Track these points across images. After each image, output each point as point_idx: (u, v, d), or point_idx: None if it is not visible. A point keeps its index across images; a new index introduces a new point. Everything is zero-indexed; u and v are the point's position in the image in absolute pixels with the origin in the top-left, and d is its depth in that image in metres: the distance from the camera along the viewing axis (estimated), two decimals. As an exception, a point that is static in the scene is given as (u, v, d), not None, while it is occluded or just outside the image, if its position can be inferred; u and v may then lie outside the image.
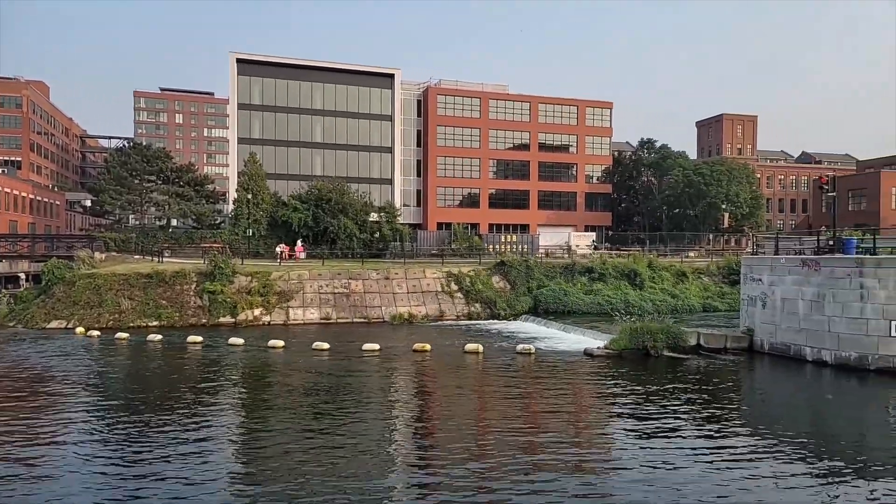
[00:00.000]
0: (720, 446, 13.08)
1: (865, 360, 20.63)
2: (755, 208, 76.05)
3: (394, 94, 68.36)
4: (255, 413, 15.76)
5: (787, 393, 19.64)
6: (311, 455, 12.27)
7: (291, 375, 20.37)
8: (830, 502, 10.27)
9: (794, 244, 29.84)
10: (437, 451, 12.93)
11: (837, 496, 10.50)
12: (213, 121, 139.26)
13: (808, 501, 10.30)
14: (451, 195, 71.40)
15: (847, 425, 15.54)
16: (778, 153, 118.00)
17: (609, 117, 77.14)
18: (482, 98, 72.17)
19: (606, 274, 38.20)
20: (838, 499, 10.40)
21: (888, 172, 76.48)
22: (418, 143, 71.04)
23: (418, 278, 36.92)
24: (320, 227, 50.56)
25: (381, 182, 67.86)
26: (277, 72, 64.48)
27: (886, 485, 10.99)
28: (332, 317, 33.50)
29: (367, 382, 19.67)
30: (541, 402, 17.34)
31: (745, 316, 26.17)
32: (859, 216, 67.79)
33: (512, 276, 38.03)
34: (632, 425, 14.71)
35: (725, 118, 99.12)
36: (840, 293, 21.45)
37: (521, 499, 10.23)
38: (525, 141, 73.93)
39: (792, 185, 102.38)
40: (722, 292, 38.16)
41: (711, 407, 16.45)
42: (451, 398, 17.90)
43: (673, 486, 10.79)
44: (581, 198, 75.83)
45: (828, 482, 11.12)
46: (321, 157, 65.91)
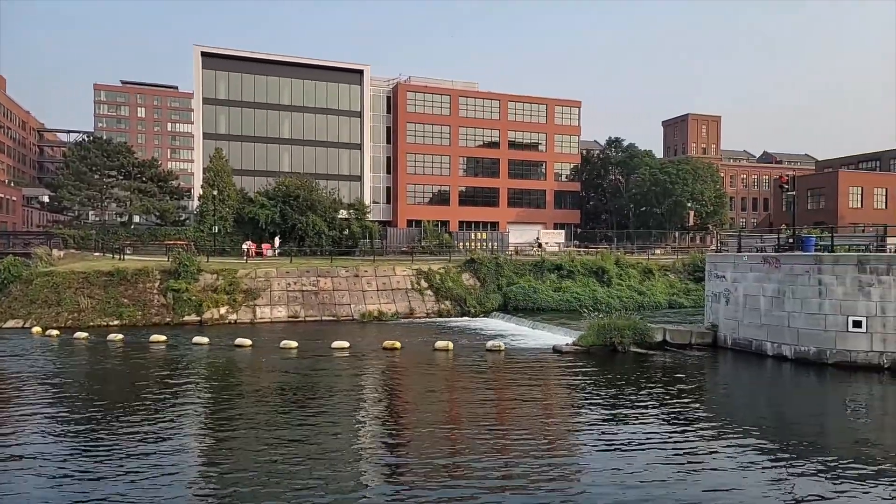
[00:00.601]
0: (685, 439, 13.29)
1: (824, 355, 21.23)
2: (719, 206, 77.77)
3: (363, 90, 67.88)
4: (220, 414, 15.43)
5: (748, 387, 20.10)
6: (278, 456, 12.06)
7: (259, 374, 20.03)
8: (790, 491, 10.51)
9: (756, 242, 30.52)
10: (407, 449, 12.85)
11: (797, 485, 10.75)
12: (178, 115, 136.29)
13: (769, 490, 10.52)
14: (422, 192, 71.26)
15: (806, 418, 15.95)
16: (741, 153, 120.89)
17: (577, 116, 77.93)
18: (452, 95, 72.16)
19: (575, 271, 38.57)
20: (798, 488, 10.64)
21: (845, 172, 78.97)
22: (388, 140, 70.69)
23: (388, 276, 36.73)
24: (288, 225, 49.92)
25: (351, 179, 67.36)
26: (244, 66, 63.39)
27: (843, 473, 11.29)
28: (301, 315, 33.10)
29: (337, 381, 19.46)
30: (510, 399, 17.39)
31: (709, 312, 26.69)
32: (818, 215, 69.84)
33: (482, 274, 38.12)
34: (600, 420, 14.85)
35: (691, 118, 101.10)
36: (799, 289, 22.03)
37: (490, 496, 10.21)
38: (495, 139, 74.20)
39: (754, 184, 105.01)
40: (687, 289, 38.87)
41: (677, 401, 16.72)
42: (421, 396, 17.82)
43: (640, 479, 10.91)
44: (550, 196, 76.46)
45: (788, 473, 11.38)
46: (289, 153, 65.06)
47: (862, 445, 13.24)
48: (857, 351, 20.71)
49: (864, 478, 11.18)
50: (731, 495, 10.37)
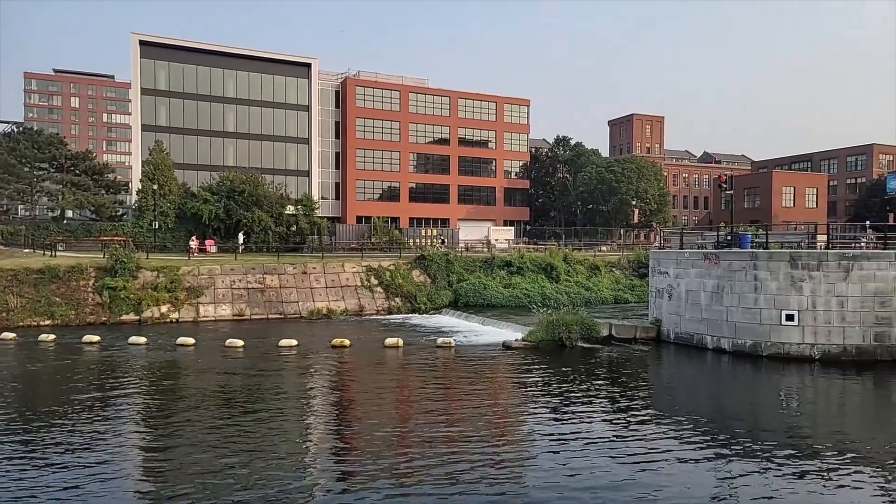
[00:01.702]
0: (630, 432, 13.58)
1: (759, 347, 22.13)
2: (662, 205, 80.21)
3: (311, 84, 66.67)
4: (159, 417, 14.81)
5: (689, 379, 20.76)
6: (221, 460, 11.66)
7: (202, 375, 19.37)
8: (728, 479, 10.87)
9: (697, 239, 31.58)
10: (355, 449, 12.65)
11: (733, 472, 11.12)
12: (114, 106, 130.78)
13: (709, 478, 10.85)
14: (371, 188, 70.66)
15: (743, 408, 16.58)
16: (683, 153, 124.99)
17: (527, 114, 78.83)
18: (402, 91, 71.77)
19: (524, 268, 38.99)
20: (735, 475, 11.02)
21: (779, 172, 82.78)
22: (337, 135, 69.75)
23: (337, 273, 36.22)
24: (233, 220, 48.59)
25: (298, 174, 66.09)
26: (186, 56, 61.22)
27: (778, 461, 11.76)
28: (246, 313, 32.26)
29: (284, 380, 19.03)
30: (460, 396, 17.39)
31: (653, 307, 27.43)
32: (754, 213, 72.94)
33: (432, 271, 38.06)
34: (548, 415, 15.03)
35: (636, 118, 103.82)
36: (737, 285, 22.88)
37: (440, 494, 10.14)
38: (445, 135, 74.26)
39: (695, 184, 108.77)
40: (632, 285, 39.87)
41: (622, 394, 17.10)
42: (370, 393, 17.61)
43: (586, 472, 11.07)
44: (500, 193, 77.13)
45: (727, 461, 11.78)
46: (234, 146, 63.28)
47: (794, 433, 13.83)
48: (790, 343, 21.68)
49: (797, 464, 11.67)
50: (672, 483, 10.64)
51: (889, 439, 13.60)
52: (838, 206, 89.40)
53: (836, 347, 21.27)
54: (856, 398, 17.82)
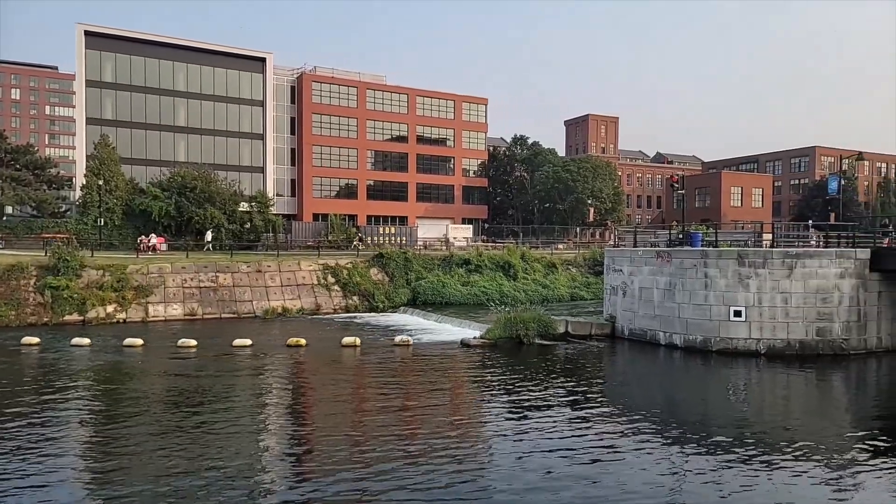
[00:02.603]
0: (586, 427, 13.74)
1: (709, 343, 22.76)
2: (617, 204, 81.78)
3: (265, 79, 65.35)
4: (101, 424, 14.19)
5: (642, 375, 21.20)
6: (170, 469, 11.24)
7: (151, 377, 18.71)
8: (681, 471, 11.10)
9: (650, 237, 32.32)
10: (310, 450, 12.41)
11: (686, 465, 11.38)
12: (57, 98, 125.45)
13: (662, 472, 11.06)
14: (328, 186, 69.78)
15: (694, 402, 17.04)
16: (636, 153, 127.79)
17: (485, 113, 79.19)
18: (359, 88, 71.11)
19: (482, 266, 39.14)
20: (687, 468, 11.27)
21: (728, 173, 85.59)
22: (292, 131, 68.61)
23: (293, 271, 35.59)
24: (184, 217, 47.21)
25: (253, 170, 64.71)
26: (134, 48, 59.13)
27: (726, 452, 12.09)
28: (198, 312, 31.38)
29: (238, 381, 18.55)
30: (418, 394, 17.30)
31: (608, 304, 27.90)
32: (705, 212, 75.19)
33: (390, 269, 37.83)
34: (506, 413, 15.09)
35: (591, 118, 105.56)
36: (688, 282, 23.48)
37: (398, 494, 10.03)
38: (403, 133, 73.94)
39: (648, 183, 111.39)
40: (588, 282, 40.50)
41: (578, 391, 17.32)
42: (326, 393, 17.34)
43: (544, 469, 11.13)
44: (458, 191, 77.27)
45: (677, 453, 12.04)
46: (185, 141, 61.46)
47: (742, 426, 14.26)
48: (738, 338, 22.37)
49: (745, 455, 12.01)
50: (627, 477, 10.80)
51: (830, 430, 14.16)
52: (783, 206, 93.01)
53: (781, 342, 22.05)
54: (799, 391, 18.51)
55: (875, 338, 22.61)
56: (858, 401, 17.66)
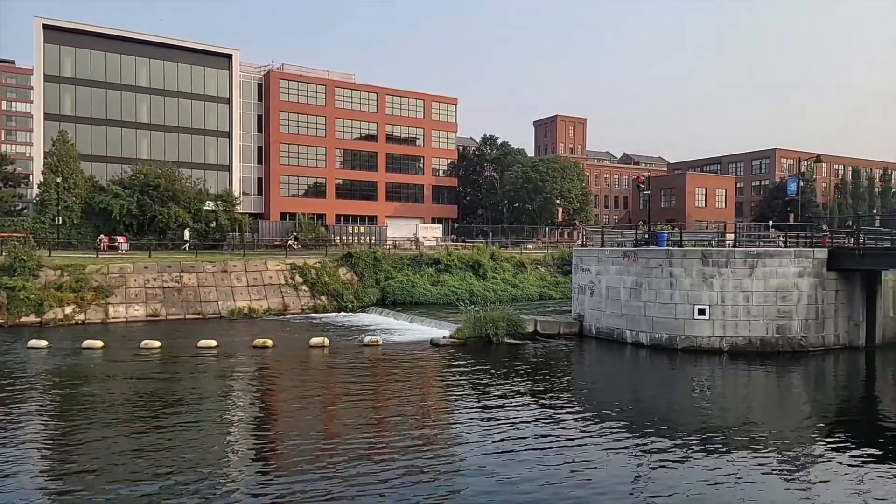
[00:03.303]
0: (554, 426, 13.83)
1: (674, 341, 23.16)
2: (585, 204, 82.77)
3: (232, 76, 64.29)
4: (57, 430, 13.71)
5: (610, 373, 21.48)
6: (130, 477, 10.92)
7: (112, 379, 18.18)
8: (647, 468, 11.25)
9: (617, 237, 32.76)
10: (278, 454, 12.20)
11: (652, 462, 11.54)
12: (14, 93, 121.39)
13: (629, 469, 11.19)
14: (296, 184, 69.01)
15: (659, 399, 17.30)
16: (604, 154, 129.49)
17: (454, 112, 79.30)
18: (328, 86, 70.49)
19: (452, 265, 39.15)
20: (653, 464, 11.43)
21: (692, 174, 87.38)
22: (259, 129, 67.64)
23: (260, 271, 35.05)
24: (147, 216, 46.12)
25: (219, 168, 63.59)
26: (95, 42, 57.55)
27: (691, 448, 12.31)
28: (161, 313, 30.66)
29: (202, 383, 18.15)
30: (387, 395, 17.19)
31: (576, 303, 28.17)
32: (670, 212, 76.64)
33: (360, 268, 37.56)
34: (474, 412, 15.08)
35: (559, 119, 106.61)
36: (654, 281, 23.85)
37: (366, 496, 9.93)
38: (373, 132, 73.55)
39: (616, 184, 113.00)
40: (556, 281, 40.86)
41: (546, 390, 17.43)
42: (293, 396, 17.10)
43: (513, 469, 11.15)
44: (428, 190, 77.21)
45: (644, 450, 12.20)
46: (147, 138, 60.05)
47: (706, 421, 14.55)
48: (702, 336, 22.82)
49: (709, 451, 12.24)
50: (595, 476, 10.89)
51: (790, 425, 14.54)
52: (745, 207, 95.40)
53: (743, 340, 22.57)
54: (760, 387, 18.97)
55: (832, 335, 23.31)
56: (816, 396, 18.17)
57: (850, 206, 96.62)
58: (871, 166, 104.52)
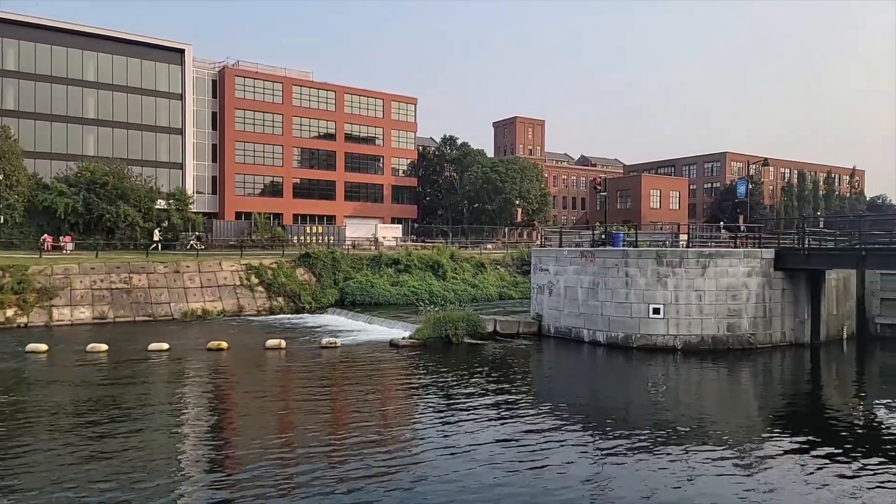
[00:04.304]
0: (513, 426, 13.87)
1: (630, 339, 23.59)
2: (544, 204, 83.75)
3: (184, 72, 62.59)
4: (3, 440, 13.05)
5: (567, 371, 21.74)
6: (77, 484, 10.44)
7: (57, 384, 17.39)
8: (604, 466, 11.38)
9: (575, 238, 33.23)
10: (232, 460, 11.86)
11: (609, 459, 11.68)
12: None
13: (585, 467, 11.29)
14: (252, 183, 67.68)
15: (615, 396, 17.59)
16: (562, 155, 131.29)
17: (414, 112, 79.13)
18: (285, 83, 69.40)
19: (412, 266, 39.02)
20: (610, 462, 11.57)
21: (647, 176, 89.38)
22: (214, 126, 66.05)
23: (214, 271, 34.19)
24: (94, 215, 44.42)
25: (171, 166, 61.82)
26: (39, 35, 55.22)
27: (646, 443, 12.52)
28: (109, 315, 29.58)
29: (153, 388, 17.55)
30: (346, 397, 16.97)
31: (534, 303, 28.42)
32: (626, 213, 78.22)
33: (318, 269, 37.05)
34: (434, 413, 15.01)
35: (518, 120, 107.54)
36: (610, 281, 24.25)
37: (323, 501, 9.74)
38: (331, 130, 72.76)
39: (573, 185, 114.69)
40: (516, 281, 41.17)
41: (505, 389, 17.49)
42: (249, 399, 16.69)
43: (472, 470, 11.12)
44: (388, 190, 76.82)
45: (602, 449, 12.34)
46: (94, 135, 57.93)
47: (660, 417, 14.84)
48: (657, 335, 23.31)
49: (662, 445, 12.48)
50: (551, 471, 10.96)
51: (741, 421, 14.98)
52: (697, 208, 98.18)
53: (696, 338, 23.16)
54: (712, 384, 19.49)
55: (779, 332, 24.13)
56: (765, 392, 18.79)
57: (796, 208, 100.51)
58: (816, 170, 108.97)
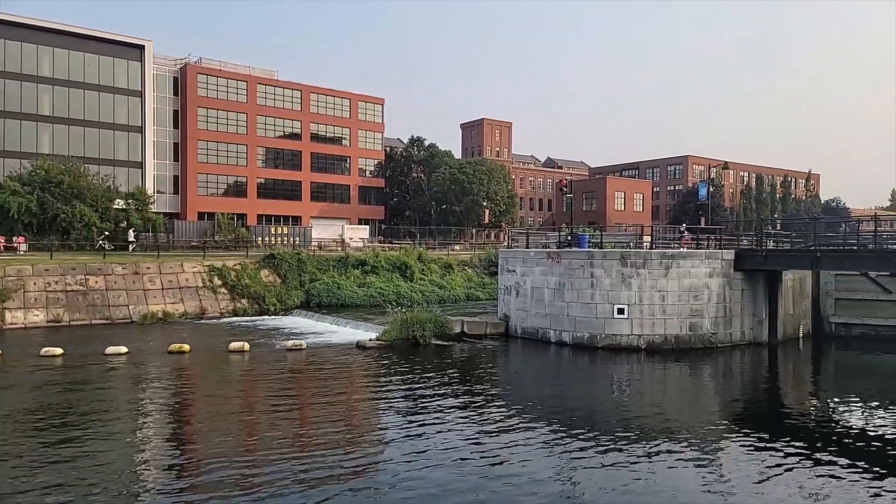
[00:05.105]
0: (480, 427, 13.87)
1: (595, 339, 23.87)
2: (511, 206, 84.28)
3: (144, 68, 61.05)
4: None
5: (534, 372, 21.84)
6: (27, 492, 10.02)
7: (8, 389, 16.70)
8: (570, 465, 11.45)
9: (541, 239, 33.46)
10: (193, 466, 11.55)
11: (575, 458, 11.76)
12: None
13: (552, 467, 11.34)
14: (215, 183, 66.40)
15: (581, 396, 17.75)
16: (529, 157, 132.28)
17: (381, 113, 78.78)
18: (249, 82, 68.34)
19: (379, 267, 38.78)
20: (576, 461, 11.65)
21: (612, 179, 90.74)
22: (175, 125, 64.58)
23: (175, 273, 33.38)
24: (48, 215, 42.93)
25: (130, 165, 60.25)
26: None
27: (609, 441, 12.65)
28: (65, 318, 28.61)
29: (111, 393, 17.00)
30: (311, 400, 16.72)
31: (502, 304, 28.52)
32: (591, 215, 79.26)
33: (283, 270, 36.51)
34: (401, 416, 14.90)
35: (486, 122, 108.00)
36: (576, 281, 24.49)
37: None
38: (296, 130, 71.92)
39: (540, 186, 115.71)
40: (483, 282, 41.28)
41: (473, 390, 17.49)
42: (211, 404, 16.31)
43: (439, 472, 11.06)
44: (355, 191, 76.29)
45: (566, 446, 12.41)
46: (50, 132, 56.08)
47: (624, 416, 15.03)
48: (621, 335, 23.64)
49: (626, 443, 12.62)
50: (520, 475, 10.97)
51: (702, 417, 15.27)
52: (660, 210, 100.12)
53: (659, 337, 23.56)
54: (674, 382, 19.85)
55: (739, 331, 24.73)
56: (725, 390, 19.21)
57: (755, 211, 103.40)
58: (773, 173, 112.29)
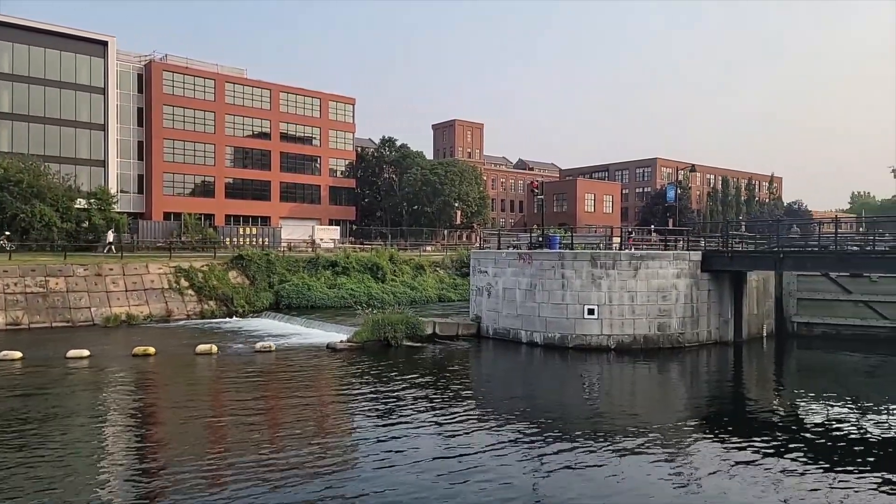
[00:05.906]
0: (452, 428, 13.80)
1: (566, 340, 24.04)
2: (482, 207, 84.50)
3: (107, 65, 59.55)
4: None
5: (505, 372, 21.89)
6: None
7: (-44, 400, 16.04)
8: (542, 465, 11.48)
9: (513, 240, 33.60)
10: (158, 473, 11.24)
11: (547, 458, 11.80)
12: None
13: (524, 468, 11.36)
14: (182, 182, 65.09)
15: (552, 396, 17.84)
16: (500, 159, 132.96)
17: (352, 113, 78.25)
18: (217, 80, 67.21)
19: (350, 268, 38.47)
20: (547, 461, 11.69)
21: (583, 180, 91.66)
22: (140, 123, 63.13)
23: (140, 274, 32.58)
24: (6, 215, 41.55)
25: (92, 164, 58.67)
26: (-57, 18, 51.21)
27: (580, 441, 12.73)
28: (24, 321, 27.68)
29: (72, 398, 16.45)
30: (280, 403, 16.47)
31: (473, 305, 28.54)
32: (562, 216, 79.93)
33: (252, 271, 35.93)
34: (372, 418, 14.77)
35: (458, 123, 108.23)
36: (547, 282, 24.64)
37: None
38: (266, 129, 70.98)
39: (511, 188, 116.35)
40: (455, 283, 41.26)
41: (444, 392, 17.44)
42: (177, 408, 15.92)
43: (410, 475, 10.98)
44: (325, 191, 75.60)
45: (539, 448, 12.45)
46: (8, 130, 54.30)
47: (595, 416, 15.19)
48: (591, 335, 23.86)
49: (596, 442, 12.72)
50: (489, 473, 10.96)
51: (670, 415, 15.49)
52: (630, 212, 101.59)
53: (628, 337, 23.85)
54: (644, 382, 20.12)
55: (706, 331, 25.19)
56: (692, 389, 19.55)
57: (721, 213, 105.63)
58: (738, 176, 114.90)
